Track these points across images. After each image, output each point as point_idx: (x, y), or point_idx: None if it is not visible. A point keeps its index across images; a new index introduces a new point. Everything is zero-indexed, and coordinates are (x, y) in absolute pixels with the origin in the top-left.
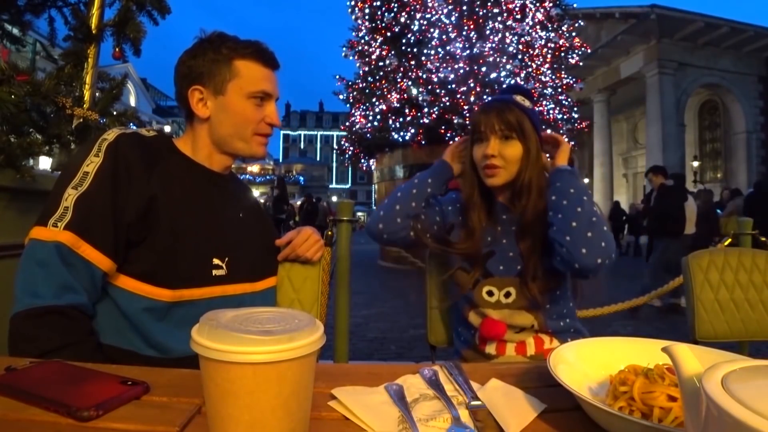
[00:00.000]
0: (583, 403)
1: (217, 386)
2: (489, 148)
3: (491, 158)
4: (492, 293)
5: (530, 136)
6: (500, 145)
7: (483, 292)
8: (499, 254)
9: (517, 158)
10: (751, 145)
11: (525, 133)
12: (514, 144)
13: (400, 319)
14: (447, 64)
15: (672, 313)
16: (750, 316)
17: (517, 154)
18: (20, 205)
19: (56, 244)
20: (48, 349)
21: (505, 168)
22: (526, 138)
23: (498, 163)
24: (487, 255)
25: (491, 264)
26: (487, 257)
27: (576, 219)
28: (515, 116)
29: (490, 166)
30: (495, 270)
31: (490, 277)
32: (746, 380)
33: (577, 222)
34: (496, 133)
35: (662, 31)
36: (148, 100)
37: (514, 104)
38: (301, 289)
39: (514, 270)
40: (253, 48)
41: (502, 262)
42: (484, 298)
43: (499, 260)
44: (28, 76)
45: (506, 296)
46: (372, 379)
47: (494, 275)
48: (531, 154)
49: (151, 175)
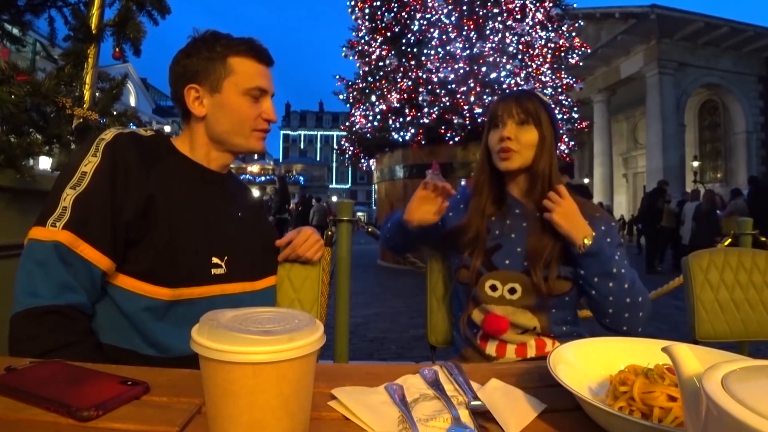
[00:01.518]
0: (583, 403)
1: (217, 386)
2: (505, 131)
3: (507, 141)
4: (495, 288)
5: (546, 126)
6: (516, 129)
7: (486, 287)
8: (506, 248)
9: (532, 143)
10: (751, 145)
11: (541, 121)
12: (530, 129)
13: (400, 319)
14: (447, 64)
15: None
16: (750, 316)
17: (532, 139)
18: (20, 205)
19: (55, 243)
20: (47, 349)
21: (519, 152)
22: (542, 126)
23: (513, 146)
24: (493, 248)
25: (497, 257)
26: (494, 250)
27: (612, 294)
28: (533, 104)
29: (505, 149)
30: (500, 264)
31: (495, 270)
32: (746, 380)
33: (614, 297)
34: (513, 118)
35: (662, 31)
36: (148, 100)
37: (534, 95)
38: (301, 289)
39: (521, 266)
40: (247, 45)
41: (509, 257)
42: (487, 292)
43: (505, 254)
44: (28, 76)
45: (511, 292)
46: (372, 379)
47: (499, 269)
48: (546, 142)
49: (149, 174)
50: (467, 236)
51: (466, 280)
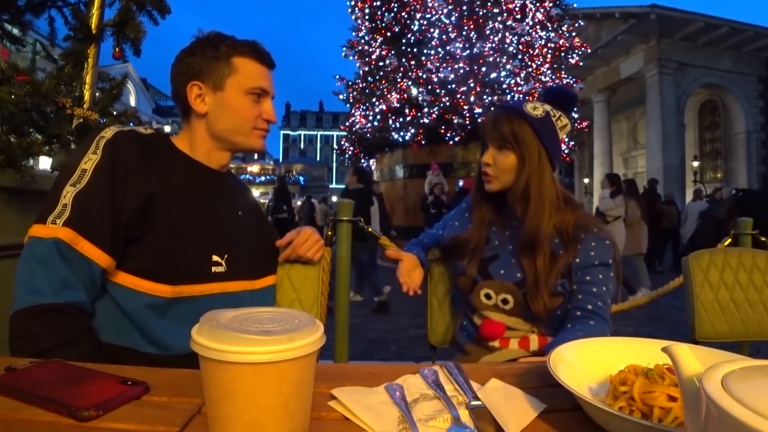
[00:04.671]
0: (583, 403)
1: (218, 386)
2: (485, 156)
3: (485, 166)
4: (489, 296)
5: (528, 144)
6: (495, 153)
7: (481, 295)
8: (503, 259)
9: (509, 168)
10: (751, 145)
11: (521, 142)
12: (507, 154)
13: (400, 319)
14: (447, 64)
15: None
16: (750, 316)
17: (509, 164)
18: (20, 205)
19: (55, 240)
20: (47, 347)
21: (497, 177)
22: (521, 147)
23: (490, 171)
24: (490, 258)
25: (493, 267)
26: (491, 260)
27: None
28: (510, 126)
29: (483, 173)
30: (496, 273)
31: (490, 279)
32: (746, 380)
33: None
34: (493, 142)
35: (662, 31)
36: (148, 100)
37: (517, 113)
38: (301, 289)
39: (515, 277)
40: (251, 46)
41: (504, 267)
42: (482, 300)
43: (501, 265)
44: (28, 76)
45: (504, 303)
46: (372, 379)
47: (494, 278)
48: (528, 163)
49: (149, 171)
50: (468, 246)
51: (462, 286)
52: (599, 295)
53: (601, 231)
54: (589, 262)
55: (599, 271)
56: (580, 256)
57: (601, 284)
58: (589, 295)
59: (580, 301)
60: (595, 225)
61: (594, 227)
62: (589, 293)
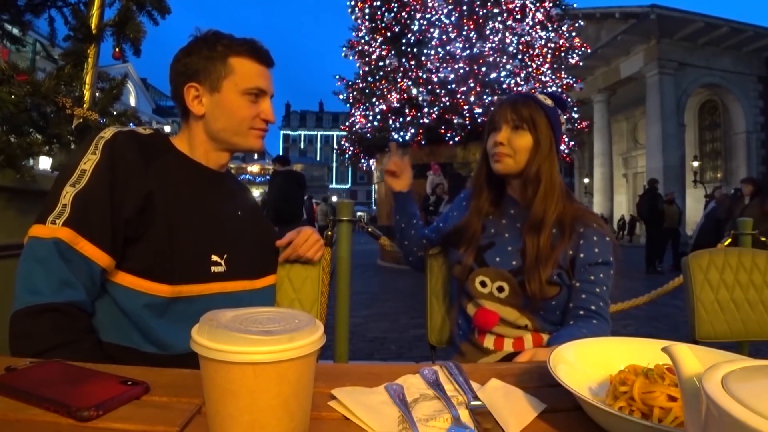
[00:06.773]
0: (583, 403)
1: (217, 386)
2: (499, 136)
3: (500, 145)
4: (485, 284)
5: (543, 130)
6: (510, 134)
7: (476, 282)
8: (499, 246)
9: (525, 148)
10: (751, 145)
11: (537, 126)
12: (524, 134)
13: (400, 319)
14: (447, 64)
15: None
16: (750, 316)
17: (526, 144)
18: (20, 205)
19: (55, 240)
20: (47, 347)
21: (512, 156)
22: (537, 131)
23: (505, 150)
24: (486, 246)
25: (489, 255)
26: (487, 248)
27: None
28: (529, 110)
29: (498, 153)
30: (491, 261)
31: (485, 267)
32: (746, 380)
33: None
34: (508, 123)
35: (662, 31)
36: (148, 100)
37: (533, 100)
38: (301, 289)
39: (510, 265)
40: (248, 45)
41: (500, 255)
42: (477, 288)
43: (497, 252)
44: (28, 76)
45: (499, 290)
46: (372, 379)
47: (489, 266)
48: (541, 147)
49: (148, 171)
50: (466, 234)
51: (458, 274)
52: (601, 295)
53: (601, 227)
54: (593, 259)
55: (601, 270)
56: (584, 252)
57: (603, 284)
58: (593, 295)
59: (584, 301)
60: (594, 220)
61: (593, 222)
62: (593, 293)
